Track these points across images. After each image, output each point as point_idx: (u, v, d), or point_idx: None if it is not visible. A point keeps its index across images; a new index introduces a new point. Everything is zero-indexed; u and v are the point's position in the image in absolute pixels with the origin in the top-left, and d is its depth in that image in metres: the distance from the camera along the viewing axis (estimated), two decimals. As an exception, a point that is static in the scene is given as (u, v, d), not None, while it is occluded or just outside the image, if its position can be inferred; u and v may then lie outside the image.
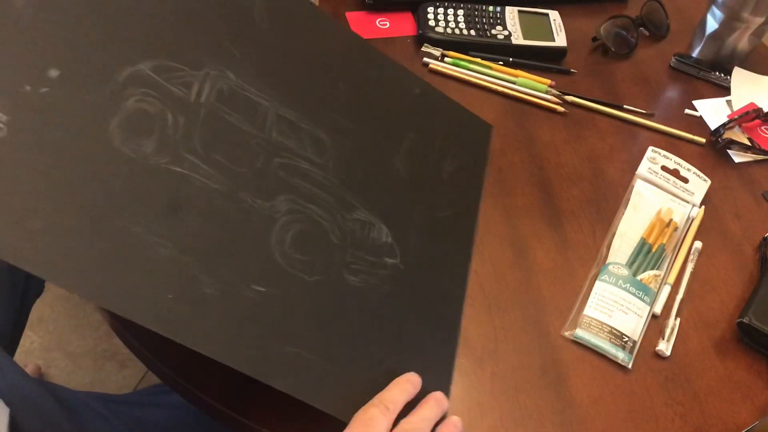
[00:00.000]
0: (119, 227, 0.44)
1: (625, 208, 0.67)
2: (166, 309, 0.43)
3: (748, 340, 0.60)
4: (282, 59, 0.59)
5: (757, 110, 0.78)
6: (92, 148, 0.45)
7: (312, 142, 0.56)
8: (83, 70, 0.47)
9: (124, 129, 0.47)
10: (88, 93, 0.47)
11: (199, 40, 0.54)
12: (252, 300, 0.47)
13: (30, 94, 0.44)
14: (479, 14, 0.82)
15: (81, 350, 1.18)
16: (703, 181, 0.71)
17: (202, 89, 0.53)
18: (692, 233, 0.67)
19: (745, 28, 0.82)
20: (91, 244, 0.43)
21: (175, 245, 0.45)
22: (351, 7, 0.83)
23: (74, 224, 0.42)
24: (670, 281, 0.63)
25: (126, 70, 0.49)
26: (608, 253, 0.63)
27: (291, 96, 0.57)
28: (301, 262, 0.51)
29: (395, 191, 0.59)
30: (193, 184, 0.49)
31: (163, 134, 0.49)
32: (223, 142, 0.51)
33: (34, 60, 0.46)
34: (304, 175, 0.54)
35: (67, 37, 0.48)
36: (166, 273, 0.44)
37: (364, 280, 0.53)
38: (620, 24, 0.85)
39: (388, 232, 0.56)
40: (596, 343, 0.58)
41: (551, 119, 0.76)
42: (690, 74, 0.85)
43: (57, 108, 0.45)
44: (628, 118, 0.78)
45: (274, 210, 0.51)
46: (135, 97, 0.49)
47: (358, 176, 0.57)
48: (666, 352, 0.58)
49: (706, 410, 0.56)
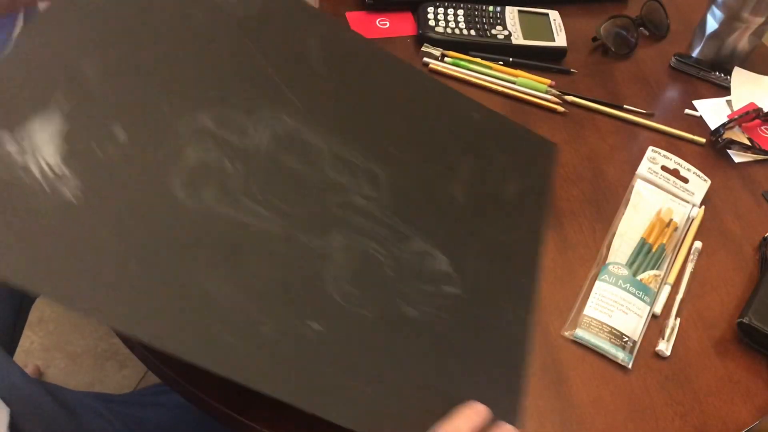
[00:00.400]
0: (182, 275, 0.46)
1: (625, 208, 0.67)
2: (226, 351, 0.45)
3: (748, 340, 0.60)
4: (337, 99, 0.60)
5: (757, 110, 0.78)
6: (156, 201, 0.48)
7: (367, 177, 0.57)
8: (148, 129, 0.50)
9: (185, 181, 0.49)
10: (152, 150, 0.49)
11: (256, 88, 0.57)
12: (309, 337, 0.48)
13: (99, 157, 0.47)
14: (479, 14, 0.82)
15: (81, 350, 1.18)
16: (703, 181, 0.71)
17: (258, 135, 0.54)
18: (692, 233, 0.67)
19: (745, 28, 0.82)
20: (156, 292, 0.45)
21: (234, 288, 0.47)
22: (351, 7, 0.83)
23: (141, 275, 0.45)
24: (670, 281, 0.63)
25: (187, 124, 0.52)
26: (608, 253, 0.63)
27: (346, 134, 0.58)
28: (357, 296, 0.51)
29: (453, 219, 0.58)
30: (251, 228, 0.50)
31: (222, 182, 0.51)
32: (280, 185, 0.53)
33: (102, 124, 0.49)
34: (359, 210, 0.55)
35: (132, 100, 0.51)
36: (226, 316, 0.46)
37: (422, 311, 0.52)
38: (620, 24, 0.85)
39: (446, 261, 0.56)
40: (596, 343, 0.58)
41: (551, 119, 0.76)
42: (690, 74, 0.85)
43: (123, 167, 0.48)
44: (628, 118, 0.78)
45: (330, 247, 0.52)
46: (195, 149, 0.51)
47: (414, 207, 0.57)
48: (666, 352, 0.58)
49: (706, 410, 0.56)
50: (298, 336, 0.47)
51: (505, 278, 0.58)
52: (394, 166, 0.59)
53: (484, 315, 0.55)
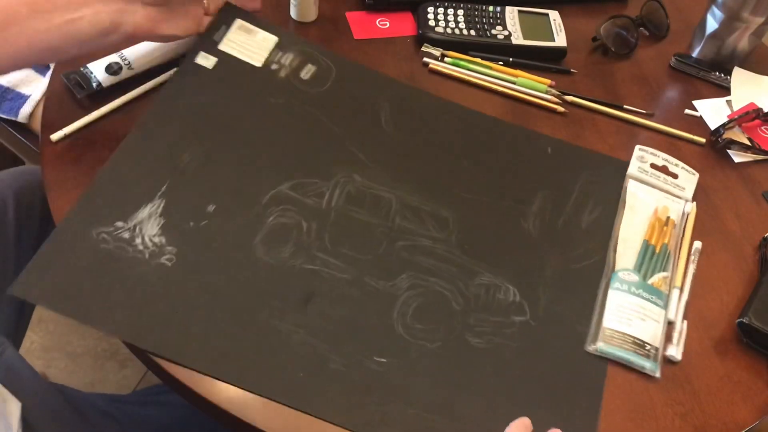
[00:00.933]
0: (260, 321, 0.54)
1: (622, 210, 0.67)
2: (298, 386, 0.51)
3: (748, 340, 0.60)
4: (406, 154, 0.67)
5: (757, 110, 0.78)
6: (240, 261, 0.56)
7: (435, 221, 0.63)
8: (234, 201, 0.60)
9: (266, 242, 0.58)
10: (238, 218, 0.59)
11: (331, 155, 0.65)
12: (374, 370, 0.53)
13: (192, 228, 0.57)
14: (479, 14, 0.82)
15: (81, 350, 1.18)
16: (692, 174, 0.71)
17: (332, 195, 0.62)
18: (690, 230, 0.67)
19: (745, 28, 0.82)
20: (238, 337, 0.53)
21: (306, 331, 0.54)
22: (351, 7, 0.83)
23: (225, 324, 0.53)
24: (678, 284, 0.62)
25: (269, 194, 0.61)
26: (615, 259, 0.63)
27: (414, 184, 0.65)
28: (423, 330, 0.56)
29: (523, 251, 0.62)
30: (323, 276, 0.57)
31: (298, 240, 0.59)
32: (350, 236, 0.60)
33: (196, 201, 0.59)
34: (426, 252, 0.60)
35: (221, 179, 0.61)
36: (298, 355, 0.53)
37: (489, 341, 0.56)
38: (620, 24, 0.85)
39: (515, 291, 0.59)
40: (622, 356, 0.57)
41: (551, 119, 0.76)
42: (690, 74, 0.85)
43: (212, 235, 0.58)
44: (628, 118, 0.78)
45: (396, 288, 0.58)
46: (276, 214, 0.60)
47: (482, 244, 0.62)
48: (677, 357, 0.58)
49: (706, 410, 0.56)
50: (363, 369, 0.53)
51: (577, 303, 0.59)
52: (465, 208, 0.64)
53: (556, 340, 0.57)
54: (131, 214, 0.57)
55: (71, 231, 0.55)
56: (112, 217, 0.57)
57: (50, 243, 0.55)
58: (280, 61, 0.70)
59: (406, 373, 0.53)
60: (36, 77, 0.90)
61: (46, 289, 0.52)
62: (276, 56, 0.71)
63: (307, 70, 0.71)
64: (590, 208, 0.66)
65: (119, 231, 0.56)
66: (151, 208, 0.58)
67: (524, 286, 0.59)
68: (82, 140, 0.64)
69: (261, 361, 0.52)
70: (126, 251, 0.55)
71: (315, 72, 0.71)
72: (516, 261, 0.61)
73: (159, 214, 0.57)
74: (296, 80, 0.70)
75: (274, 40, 0.72)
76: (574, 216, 0.65)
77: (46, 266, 0.53)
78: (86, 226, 0.56)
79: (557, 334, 0.57)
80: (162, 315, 0.53)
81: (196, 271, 0.55)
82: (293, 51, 0.72)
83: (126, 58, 0.68)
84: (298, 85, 0.69)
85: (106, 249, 0.55)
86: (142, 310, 0.53)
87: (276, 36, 0.72)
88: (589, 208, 0.66)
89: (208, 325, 0.53)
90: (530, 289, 0.59)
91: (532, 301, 0.59)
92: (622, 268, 0.62)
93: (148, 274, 0.54)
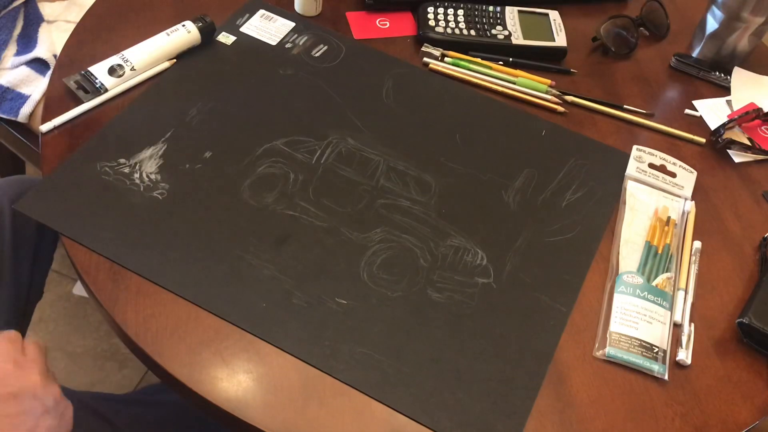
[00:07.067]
0: (235, 255, 0.58)
1: (623, 212, 0.67)
2: (260, 315, 0.55)
3: (748, 340, 0.60)
4: (401, 125, 0.70)
5: (757, 110, 0.78)
6: (225, 202, 0.61)
7: (418, 185, 0.66)
8: (230, 150, 0.65)
9: (252, 187, 0.63)
10: (231, 165, 0.64)
11: (329, 119, 0.69)
12: (333, 310, 0.56)
13: (187, 170, 0.63)
14: (479, 14, 0.82)
15: (81, 350, 1.18)
16: (690, 172, 0.71)
17: (323, 153, 0.66)
18: (690, 230, 0.67)
19: (745, 28, 0.82)
20: (211, 266, 0.57)
21: (276, 267, 0.58)
22: (351, 7, 0.83)
23: (201, 253, 0.58)
24: (682, 286, 0.62)
25: (263, 147, 0.66)
26: (619, 262, 0.63)
27: (404, 152, 0.68)
28: (386, 281, 0.59)
29: (499, 221, 0.64)
30: (301, 222, 0.61)
31: (284, 188, 0.63)
32: (333, 190, 0.63)
33: (195, 148, 0.65)
34: (404, 211, 0.63)
35: (221, 132, 0.66)
36: (265, 288, 0.56)
37: (449, 297, 0.58)
38: (620, 24, 0.85)
39: (483, 255, 0.61)
40: (630, 360, 0.57)
41: (551, 119, 0.76)
42: (690, 74, 0.85)
43: (205, 177, 0.63)
44: (628, 118, 0.78)
45: (369, 240, 0.61)
46: (266, 164, 0.64)
47: (460, 210, 0.65)
48: (687, 361, 0.58)
49: (706, 410, 0.56)
50: (323, 308, 0.56)
51: (546, 275, 0.61)
52: (449, 176, 0.67)
53: (514, 303, 0.59)
54: (134, 154, 0.63)
55: (79, 162, 0.62)
56: (117, 154, 0.63)
57: (58, 171, 0.61)
58: (295, 41, 0.77)
59: (364, 316, 0.56)
60: (36, 77, 0.90)
61: (46, 208, 0.59)
62: (291, 37, 0.78)
63: (319, 48, 0.77)
64: (574, 189, 0.68)
65: (121, 166, 0.62)
66: (153, 150, 0.64)
67: (493, 252, 0.62)
68: (82, 140, 0.64)
69: (229, 288, 0.56)
70: (124, 183, 0.61)
71: (326, 50, 0.77)
72: (490, 229, 0.63)
73: (159, 156, 0.63)
74: (307, 57, 0.75)
75: (291, 25, 0.79)
76: (557, 195, 0.67)
77: (50, 189, 0.60)
78: (92, 160, 0.62)
79: (517, 298, 0.59)
80: (145, 240, 0.58)
81: (183, 205, 0.60)
82: (308, 34, 0.78)
83: (127, 59, 0.68)
84: (308, 60, 0.75)
85: (106, 180, 0.61)
86: (128, 234, 0.58)
87: (293, 22, 0.79)
88: (572, 189, 0.68)
89: (186, 253, 0.57)
90: (499, 254, 0.62)
91: (498, 266, 0.61)
92: (626, 271, 0.62)
93: (140, 205, 0.60)
